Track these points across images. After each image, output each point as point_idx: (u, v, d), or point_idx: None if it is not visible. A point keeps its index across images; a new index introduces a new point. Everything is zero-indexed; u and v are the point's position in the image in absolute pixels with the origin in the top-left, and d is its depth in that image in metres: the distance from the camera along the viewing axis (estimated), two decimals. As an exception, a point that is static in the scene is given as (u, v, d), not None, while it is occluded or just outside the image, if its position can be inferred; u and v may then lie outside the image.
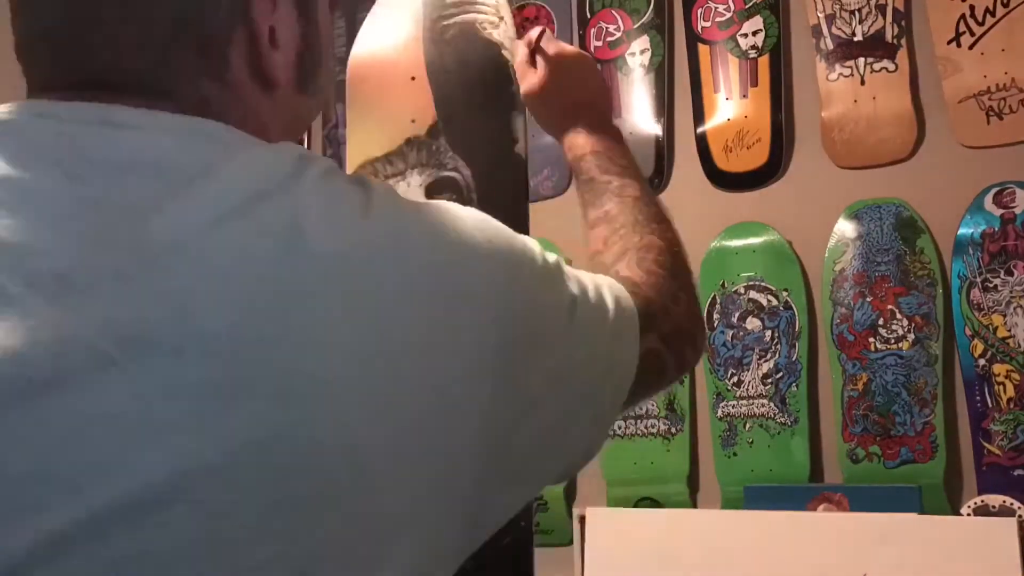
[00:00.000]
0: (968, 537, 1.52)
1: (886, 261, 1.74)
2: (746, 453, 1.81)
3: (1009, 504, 1.57)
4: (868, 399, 1.72)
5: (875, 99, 1.80)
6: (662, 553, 1.74)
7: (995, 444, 1.62)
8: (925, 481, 1.66)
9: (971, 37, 1.73)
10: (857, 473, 1.71)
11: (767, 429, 1.80)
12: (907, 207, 1.75)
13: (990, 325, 1.65)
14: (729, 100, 1.93)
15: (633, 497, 1.89)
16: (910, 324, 1.71)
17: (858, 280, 1.76)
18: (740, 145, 1.90)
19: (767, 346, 1.82)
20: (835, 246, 1.79)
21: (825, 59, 1.86)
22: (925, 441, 1.68)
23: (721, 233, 1.89)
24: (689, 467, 1.87)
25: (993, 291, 1.65)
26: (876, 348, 1.73)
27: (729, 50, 1.94)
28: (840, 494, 1.69)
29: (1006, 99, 1.69)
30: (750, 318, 1.84)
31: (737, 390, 1.83)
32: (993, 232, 1.67)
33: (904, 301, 1.72)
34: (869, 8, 1.83)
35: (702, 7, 1.98)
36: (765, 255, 1.85)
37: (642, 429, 1.90)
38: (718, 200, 1.94)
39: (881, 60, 1.80)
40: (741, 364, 1.83)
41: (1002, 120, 1.69)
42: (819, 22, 1.87)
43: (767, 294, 1.84)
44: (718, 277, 1.87)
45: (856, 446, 1.72)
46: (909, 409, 1.69)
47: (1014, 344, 1.63)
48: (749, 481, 1.78)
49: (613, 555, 1.78)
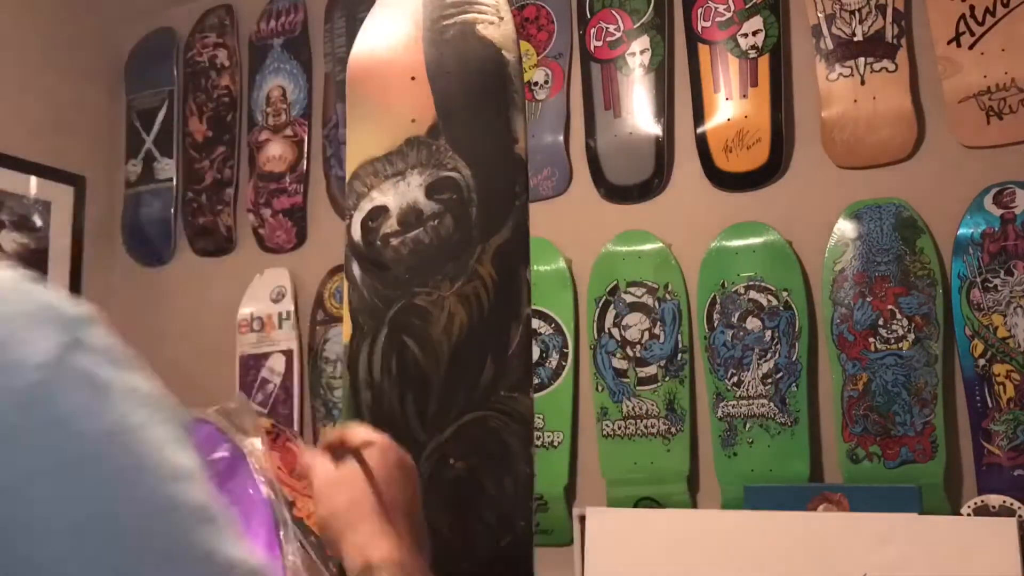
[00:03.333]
0: (968, 537, 1.52)
1: (886, 261, 1.74)
2: (746, 453, 1.81)
3: (1009, 504, 1.57)
4: (868, 399, 1.72)
5: (875, 99, 1.80)
6: (662, 553, 1.74)
7: (995, 444, 1.63)
8: (925, 481, 1.66)
9: (971, 37, 1.73)
10: (857, 473, 1.71)
11: (767, 429, 1.80)
12: (907, 207, 1.75)
13: (990, 325, 1.65)
14: (729, 100, 1.93)
15: (633, 497, 1.89)
16: (910, 324, 1.71)
17: (858, 280, 1.76)
18: (740, 145, 1.90)
19: (767, 346, 1.82)
20: (835, 246, 1.79)
21: (825, 59, 1.86)
22: (925, 441, 1.68)
23: (721, 233, 1.90)
24: (689, 467, 1.87)
25: (993, 291, 1.65)
26: (876, 348, 1.73)
27: (729, 50, 1.94)
28: (840, 494, 1.69)
29: (1006, 99, 1.69)
30: (750, 318, 1.84)
31: (737, 390, 1.83)
32: (993, 232, 1.67)
33: (904, 301, 1.72)
34: (869, 8, 1.83)
35: (702, 7, 1.98)
36: (765, 255, 1.85)
37: (642, 429, 1.90)
38: (718, 200, 1.94)
39: (881, 60, 1.81)
40: (741, 364, 1.83)
41: (1002, 120, 1.69)
42: (819, 22, 1.87)
43: (767, 294, 1.84)
44: (718, 277, 1.87)
45: (856, 446, 1.72)
46: (909, 409, 1.69)
47: (1014, 344, 1.63)
48: (749, 481, 1.78)
49: (613, 555, 1.78)
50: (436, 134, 0.99)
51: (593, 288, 1.99)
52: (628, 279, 1.95)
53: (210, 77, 2.62)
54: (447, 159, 0.98)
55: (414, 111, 1.00)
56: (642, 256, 1.96)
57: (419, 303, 0.96)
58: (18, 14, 2.52)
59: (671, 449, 1.88)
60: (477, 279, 0.95)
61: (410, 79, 1.01)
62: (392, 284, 0.98)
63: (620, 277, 1.96)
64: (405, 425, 0.94)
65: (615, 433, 1.92)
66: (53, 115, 2.57)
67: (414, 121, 1.00)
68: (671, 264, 1.93)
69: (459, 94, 0.99)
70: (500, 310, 0.94)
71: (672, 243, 1.95)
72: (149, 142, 2.69)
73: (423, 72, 1.00)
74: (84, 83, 2.69)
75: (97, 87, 2.73)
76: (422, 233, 0.98)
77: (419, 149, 0.99)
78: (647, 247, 1.96)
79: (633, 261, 1.96)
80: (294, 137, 2.47)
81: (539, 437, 1.96)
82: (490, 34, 0.98)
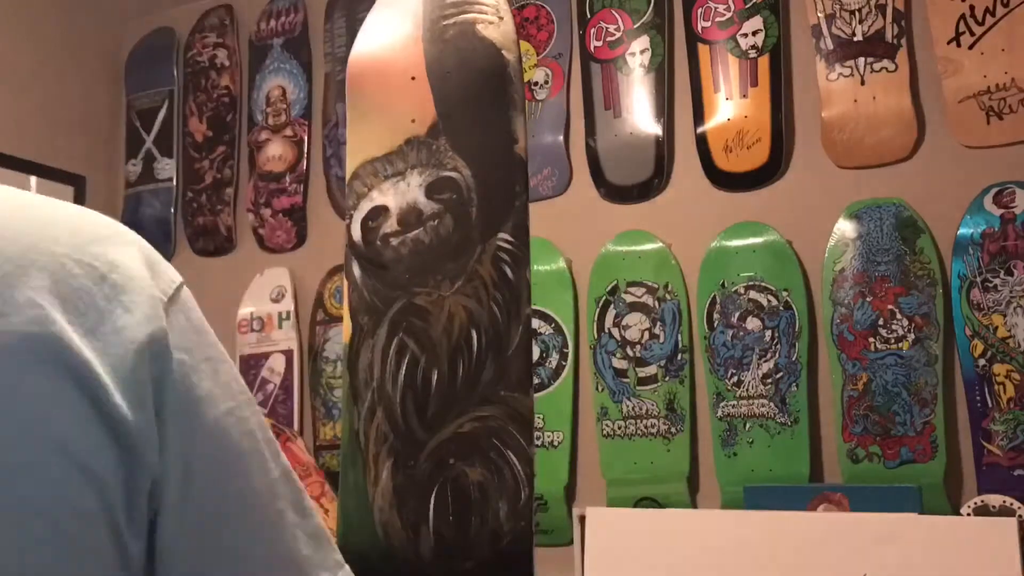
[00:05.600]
0: (968, 537, 1.52)
1: (886, 261, 1.74)
2: (746, 453, 1.81)
3: (1009, 504, 1.57)
4: (868, 399, 1.72)
5: (875, 99, 1.80)
6: (662, 553, 1.74)
7: (995, 444, 1.62)
8: (925, 481, 1.66)
9: (971, 37, 1.73)
10: (857, 473, 1.71)
11: (767, 429, 1.80)
12: (907, 207, 1.75)
13: (990, 325, 1.65)
14: (729, 100, 1.93)
15: (633, 497, 1.89)
16: (910, 324, 1.71)
17: (858, 280, 1.76)
18: (740, 145, 1.90)
19: (767, 346, 1.82)
20: (835, 246, 1.79)
21: (825, 59, 1.86)
22: (925, 441, 1.68)
23: (721, 233, 1.90)
24: (689, 467, 1.87)
25: (993, 291, 1.65)
26: (876, 348, 1.73)
27: (729, 50, 1.94)
28: (840, 494, 1.69)
29: (1006, 99, 1.69)
30: (750, 318, 1.84)
31: (737, 390, 1.83)
32: (993, 232, 1.67)
33: (904, 301, 1.72)
34: (869, 8, 1.83)
35: (702, 7, 1.98)
36: (765, 255, 1.85)
37: (642, 429, 1.90)
38: (718, 200, 1.94)
39: (881, 60, 1.81)
40: (741, 364, 1.83)
41: (1002, 120, 1.69)
42: (819, 22, 1.87)
43: (767, 294, 1.84)
44: (718, 277, 1.87)
45: (856, 446, 1.72)
46: (909, 409, 1.69)
47: (1014, 344, 1.63)
48: (749, 481, 1.78)
49: (613, 555, 1.78)
50: (436, 134, 0.99)
51: (593, 288, 1.99)
52: (628, 279, 1.95)
53: (210, 77, 2.62)
54: (447, 159, 0.98)
55: (414, 111, 1.00)
56: (642, 256, 1.96)
57: (419, 303, 0.96)
58: (18, 14, 2.52)
59: (671, 449, 1.88)
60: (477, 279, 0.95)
61: (410, 79, 1.01)
62: (392, 284, 0.98)
63: (620, 277, 1.96)
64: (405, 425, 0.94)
65: (615, 433, 1.92)
66: (53, 115, 2.57)
67: (414, 121, 1.00)
68: (671, 264, 1.93)
69: (459, 94, 0.99)
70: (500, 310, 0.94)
71: (672, 243, 1.95)
72: (149, 142, 2.69)
73: (423, 72, 1.00)
74: (84, 83, 2.69)
75: (97, 87, 2.73)
76: (422, 233, 0.98)
77: (419, 149, 0.99)
78: (647, 247, 1.96)
79: (633, 261, 1.96)
80: (294, 137, 2.47)
81: (539, 437, 1.96)
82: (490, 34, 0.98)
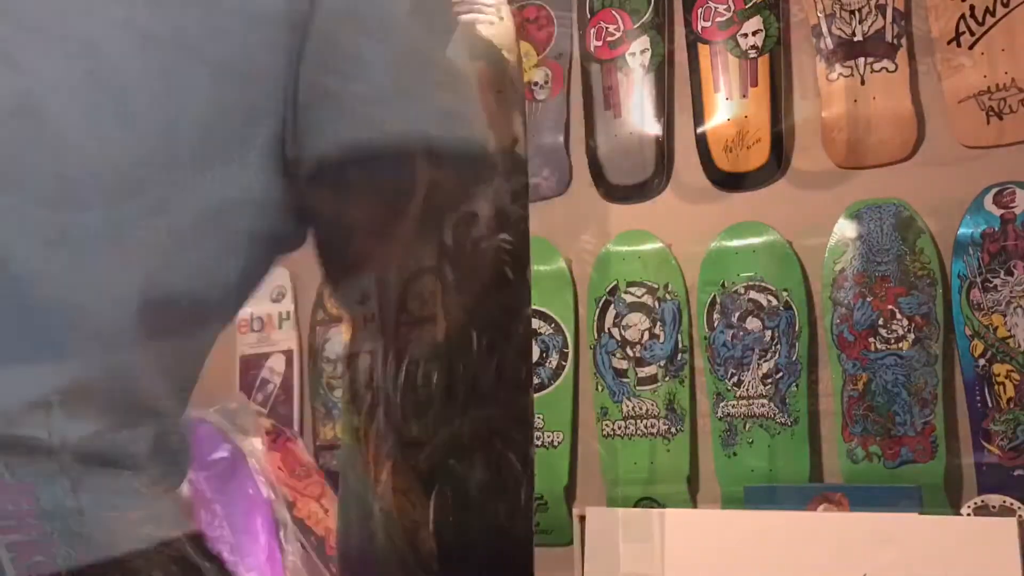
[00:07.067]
0: (968, 537, 1.52)
1: (886, 261, 1.74)
2: (746, 453, 1.81)
3: (1009, 504, 1.57)
4: (868, 399, 1.72)
5: (875, 99, 1.80)
6: (662, 553, 1.74)
7: (995, 444, 1.62)
8: (925, 481, 1.65)
9: (971, 37, 1.73)
10: (857, 473, 1.71)
11: (767, 429, 1.79)
12: (907, 207, 1.75)
13: (990, 325, 1.65)
14: (729, 100, 1.93)
15: (633, 497, 1.88)
16: (910, 324, 1.71)
17: (858, 280, 1.75)
18: (740, 145, 1.90)
19: (767, 346, 1.82)
20: (835, 246, 1.78)
21: (825, 59, 1.85)
22: (925, 441, 1.68)
23: (721, 233, 1.89)
24: (689, 467, 1.87)
25: (993, 291, 1.65)
26: (876, 348, 1.73)
27: (729, 50, 1.94)
28: (840, 494, 1.69)
29: (1006, 99, 1.69)
30: (750, 318, 1.84)
31: (737, 390, 1.83)
32: (993, 232, 1.67)
33: (904, 301, 1.72)
34: (869, 8, 1.83)
35: (702, 7, 1.98)
36: (765, 255, 1.85)
37: (642, 429, 1.90)
38: (718, 200, 1.94)
39: (881, 60, 1.80)
40: (741, 364, 1.83)
41: (1002, 120, 1.69)
42: (819, 22, 1.87)
43: (767, 294, 1.83)
44: (718, 277, 1.87)
45: (856, 446, 1.72)
46: (909, 409, 1.69)
47: (1014, 344, 1.63)
48: (749, 481, 1.78)
49: (613, 555, 1.78)
50: (436, 134, 0.99)
51: (593, 288, 1.99)
52: (628, 279, 1.95)
53: (210, 77, 2.61)
54: (447, 159, 0.98)
55: (414, 111, 1.00)
56: (642, 256, 1.96)
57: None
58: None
59: (671, 449, 1.88)
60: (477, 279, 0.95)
61: (410, 79, 1.00)
62: (392, 284, 0.98)
63: (620, 277, 1.96)
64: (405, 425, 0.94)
65: (615, 433, 1.92)
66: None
67: (414, 121, 1.00)
68: (671, 264, 1.93)
69: (459, 94, 0.99)
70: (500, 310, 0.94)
71: (672, 243, 1.95)
72: (149, 142, 2.68)
73: (423, 72, 1.00)
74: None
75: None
76: (422, 233, 0.98)
77: (419, 149, 0.99)
78: (647, 247, 1.96)
79: (633, 261, 1.96)
80: (294, 137, 2.47)
81: (539, 437, 1.96)
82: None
